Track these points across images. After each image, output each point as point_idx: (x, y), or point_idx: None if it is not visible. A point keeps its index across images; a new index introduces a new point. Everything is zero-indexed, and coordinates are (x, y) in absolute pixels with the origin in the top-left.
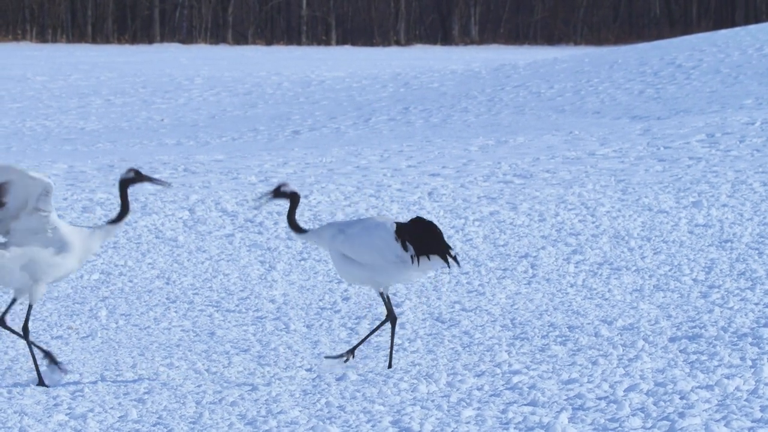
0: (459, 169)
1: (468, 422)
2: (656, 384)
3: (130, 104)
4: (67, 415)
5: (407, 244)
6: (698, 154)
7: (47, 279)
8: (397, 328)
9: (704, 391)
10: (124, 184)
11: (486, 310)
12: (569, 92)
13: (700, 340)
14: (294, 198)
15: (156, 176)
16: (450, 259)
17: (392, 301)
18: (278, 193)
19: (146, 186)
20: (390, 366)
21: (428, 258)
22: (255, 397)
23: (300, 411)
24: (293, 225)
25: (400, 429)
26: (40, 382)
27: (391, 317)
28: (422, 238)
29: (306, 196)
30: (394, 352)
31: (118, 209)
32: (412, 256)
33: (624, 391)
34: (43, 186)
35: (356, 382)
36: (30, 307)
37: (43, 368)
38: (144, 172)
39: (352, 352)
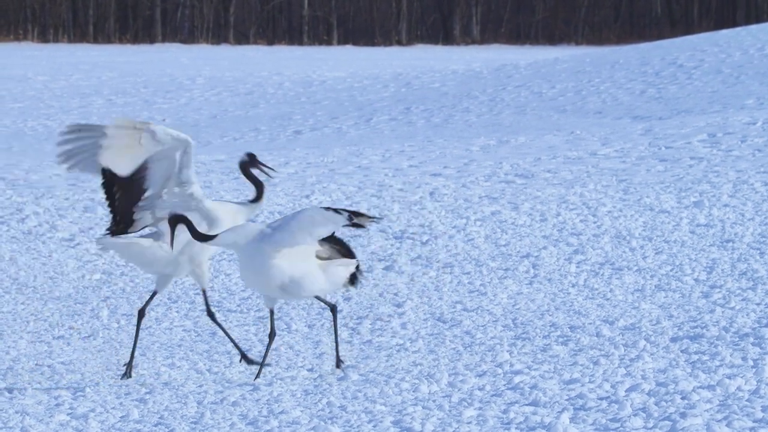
0: (460, 169)
1: (470, 422)
2: (658, 384)
3: (131, 104)
4: (68, 415)
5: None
6: (700, 154)
7: (206, 257)
8: (398, 328)
9: (706, 391)
10: (244, 168)
11: (487, 310)
12: (571, 92)
13: (701, 340)
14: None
15: (266, 165)
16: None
17: (394, 301)
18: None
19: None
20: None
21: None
22: (257, 397)
23: (301, 411)
24: (200, 237)
25: (401, 429)
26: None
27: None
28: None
29: (308, 196)
30: (395, 351)
31: (254, 190)
32: (349, 213)
33: (625, 391)
34: (183, 146)
35: (358, 382)
36: (204, 291)
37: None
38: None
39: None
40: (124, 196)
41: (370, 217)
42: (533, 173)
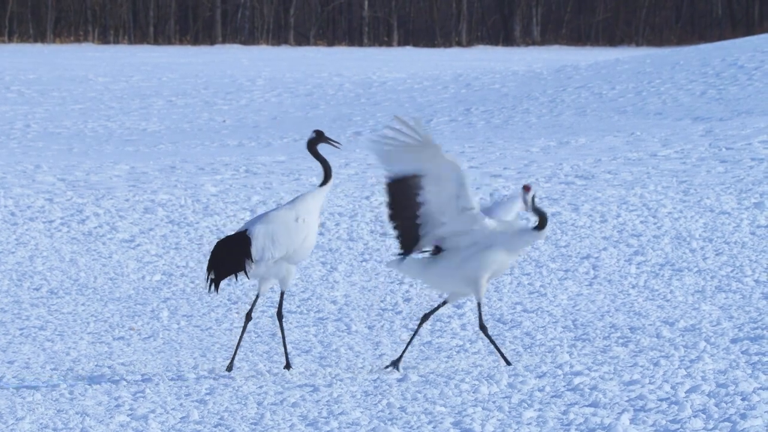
0: (520, 170)
1: (529, 423)
2: (718, 385)
3: (191, 105)
4: (128, 416)
5: None
6: (760, 155)
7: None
8: (458, 329)
9: (766, 392)
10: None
11: (547, 312)
12: (631, 93)
13: (762, 342)
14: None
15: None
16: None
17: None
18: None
19: (210, 188)
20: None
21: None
22: (316, 398)
23: (361, 412)
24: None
25: (461, 430)
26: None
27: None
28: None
29: (367, 197)
30: (455, 352)
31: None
32: None
33: (685, 392)
34: (456, 175)
35: (417, 383)
36: (479, 305)
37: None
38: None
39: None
40: (405, 218)
41: None
42: (593, 174)
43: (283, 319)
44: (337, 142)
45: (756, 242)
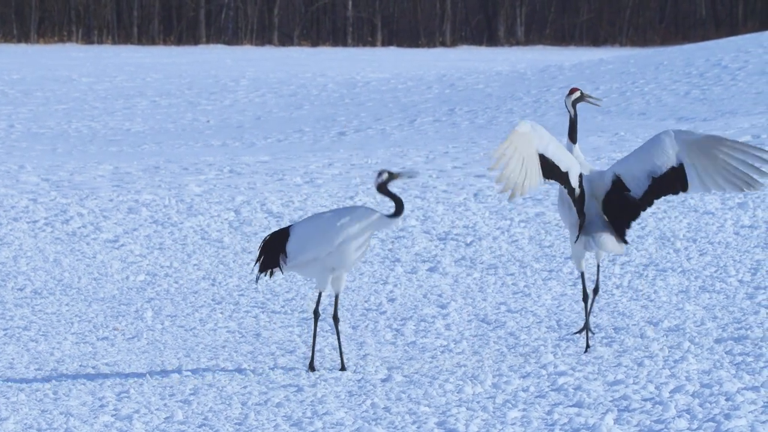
0: None
1: (513, 423)
2: (702, 385)
3: (175, 105)
4: (112, 416)
5: None
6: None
7: None
8: (442, 329)
9: (750, 392)
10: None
11: (531, 312)
12: (615, 93)
13: (746, 342)
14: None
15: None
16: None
17: (438, 302)
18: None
19: (194, 189)
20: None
21: None
22: (300, 398)
23: (345, 412)
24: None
25: (445, 430)
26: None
27: None
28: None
29: (351, 198)
30: (439, 353)
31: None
32: None
33: (669, 392)
34: None
35: (401, 383)
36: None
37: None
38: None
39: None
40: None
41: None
42: None
43: (267, 318)
44: (411, 174)
45: (740, 242)
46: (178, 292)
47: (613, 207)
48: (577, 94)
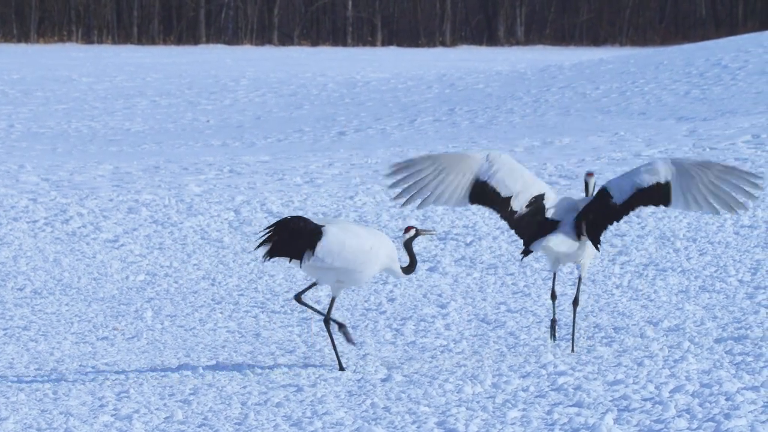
0: None
1: (513, 423)
2: (702, 385)
3: (175, 105)
4: (112, 416)
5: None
6: (744, 155)
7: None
8: (442, 329)
9: (750, 392)
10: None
11: (531, 312)
12: (615, 93)
13: (745, 341)
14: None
15: (425, 228)
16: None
17: (438, 302)
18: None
19: (194, 188)
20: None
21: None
22: (300, 398)
23: (345, 412)
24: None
25: (445, 430)
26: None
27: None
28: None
29: (351, 197)
30: (439, 352)
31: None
32: None
33: (669, 392)
34: None
35: (401, 383)
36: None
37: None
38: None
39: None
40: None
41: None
42: (577, 174)
43: (267, 319)
44: (433, 231)
45: (740, 242)
46: (177, 292)
47: (591, 212)
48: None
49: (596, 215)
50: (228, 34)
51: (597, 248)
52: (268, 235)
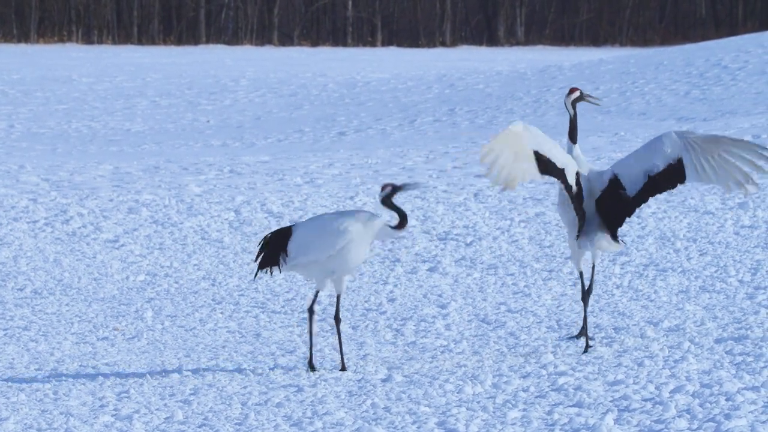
0: None
1: (514, 423)
2: (702, 385)
3: (175, 105)
4: (113, 416)
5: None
6: None
7: None
8: (442, 329)
9: (750, 392)
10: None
11: (532, 312)
12: (615, 93)
13: (746, 342)
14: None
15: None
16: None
17: (438, 302)
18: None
19: (194, 189)
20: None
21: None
22: (301, 398)
23: (346, 412)
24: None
25: (445, 430)
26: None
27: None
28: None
29: (351, 198)
30: (439, 353)
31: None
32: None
33: (670, 392)
34: None
35: (402, 383)
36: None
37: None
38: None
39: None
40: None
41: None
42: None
43: (267, 319)
44: (414, 186)
45: (740, 242)
46: (178, 292)
47: (605, 205)
48: (577, 93)
49: (611, 208)
50: (228, 35)
51: (617, 242)
52: (258, 255)
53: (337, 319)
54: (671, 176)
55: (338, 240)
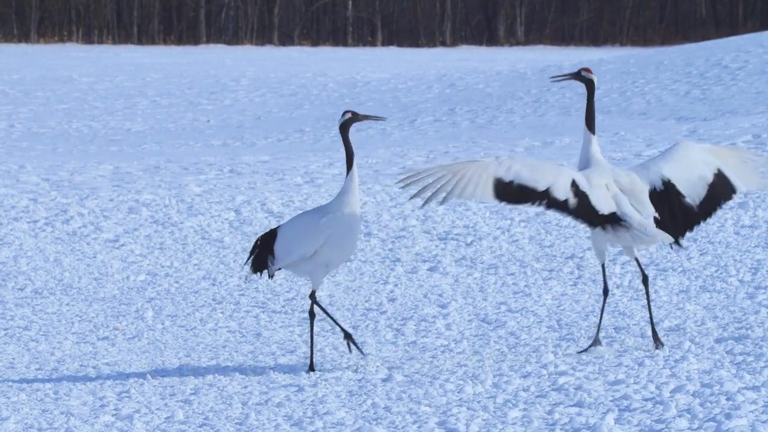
0: None
1: (514, 423)
2: (702, 385)
3: (176, 105)
4: (113, 416)
5: None
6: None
7: None
8: (443, 329)
9: (751, 392)
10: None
11: (532, 311)
12: (615, 93)
13: (746, 341)
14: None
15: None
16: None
17: (439, 302)
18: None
19: (195, 188)
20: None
21: None
22: (301, 398)
23: (346, 412)
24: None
25: (446, 430)
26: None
27: None
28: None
29: None
30: (440, 352)
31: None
32: None
33: (670, 392)
34: None
35: (402, 383)
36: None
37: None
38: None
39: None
40: None
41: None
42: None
43: (267, 318)
44: (376, 118)
45: (740, 242)
46: (178, 291)
47: (666, 212)
48: (348, 116)
49: (673, 217)
50: (228, 34)
51: (680, 244)
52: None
53: (312, 315)
54: (722, 185)
55: (321, 234)
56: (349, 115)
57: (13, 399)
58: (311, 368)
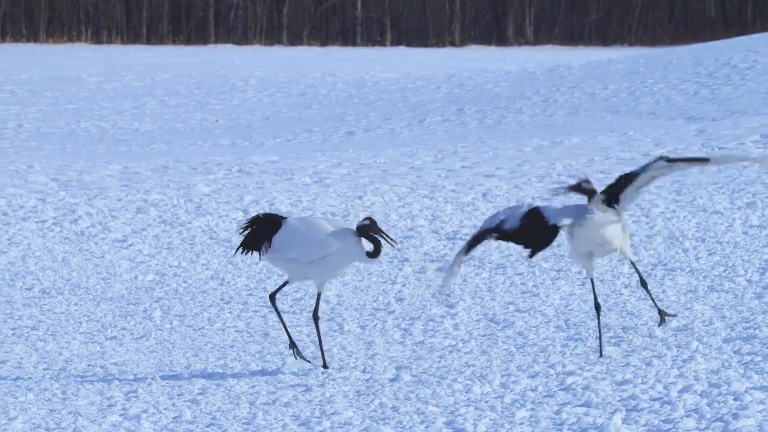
0: (513, 170)
1: (522, 423)
2: (710, 385)
3: (184, 105)
4: (121, 416)
5: None
6: (753, 155)
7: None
8: (450, 329)
9: (758, 392)
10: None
11: (540, 311)
12: (624, 93)
13: (754, 341)
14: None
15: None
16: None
17: (447, 302)
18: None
19: (203, 188)
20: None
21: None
22: (309, 398)
23: (354, 412)
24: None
25: (454, 430)
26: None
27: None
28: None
29: (360, 197)
30: (448, 352)
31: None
32: None
33: (678, 392)
34: None
35: (410, 383)
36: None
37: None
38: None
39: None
40: None
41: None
42: (586, 174)
43: (275, 318)
44: (393, 240)
45: (748, 242)
46: (186, 291)
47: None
48: (366, 222)
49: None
50: (237, 34)
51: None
52: (243, 231)
53: (316, 317)
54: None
55: (321, 250)
56: (367, 222)
57: (21, 399)
58: (324, 366)
